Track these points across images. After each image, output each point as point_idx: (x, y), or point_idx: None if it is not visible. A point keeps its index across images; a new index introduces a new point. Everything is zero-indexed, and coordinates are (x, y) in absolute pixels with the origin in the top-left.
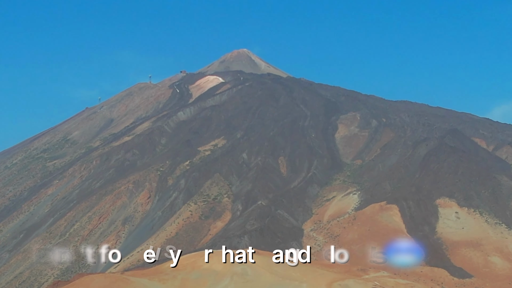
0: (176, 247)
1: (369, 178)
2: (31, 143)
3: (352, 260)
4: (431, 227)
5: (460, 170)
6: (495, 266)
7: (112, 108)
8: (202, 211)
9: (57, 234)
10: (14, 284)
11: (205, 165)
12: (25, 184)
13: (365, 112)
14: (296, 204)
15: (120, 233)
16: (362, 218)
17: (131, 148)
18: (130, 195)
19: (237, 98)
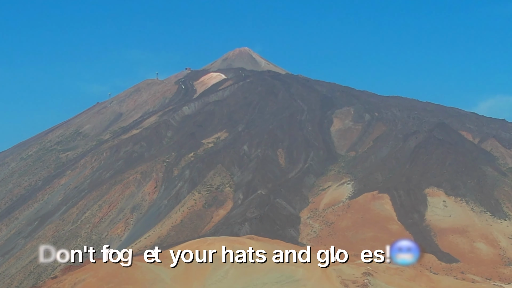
0: (181, 234)
1: (362, 169)
2: (46, 136)
3: (346, 246)
4: (420, 215)
5: (447, 161)
6: (480, 252)
7: (121, 103)
8: (206, 200)
9: (70, 221)
10: (29, 268)
11: (208, 156)
12: (39, 175)
13: (359, 107)
14: (293, 193)
15: (128, 220)
16: (355, 206)
17: (139, 140)
18: (138, 184)
19: (239, 94)
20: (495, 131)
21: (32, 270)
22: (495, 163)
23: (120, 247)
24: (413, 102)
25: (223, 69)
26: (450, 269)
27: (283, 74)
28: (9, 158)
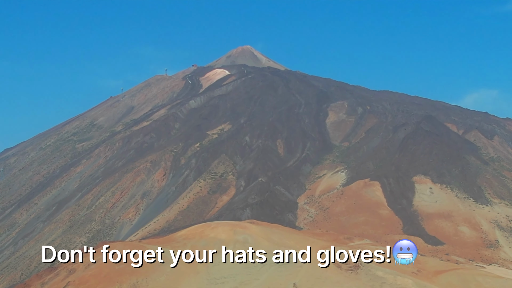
0: (187, 218)
1: (355, 158)
2: (63, 127)
3: (340, 230)
4: (408, 200)
5: (434, 151)
6: (464, 235)
7: (133, 97)
8: (210, 186)
9: (85, 207)
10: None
11: (213, 146)
12: (57, 163)
13: (352, 101)
14: (291, 180)
15: (139, 206)
16: (348, 193)
17: (149, 132)
18: (148, 173)
19: (241, 89)
20: (478, 123)
21: (50, 253)
22: (478, 153)
23: (131, 230)
24: (402, 96)
25: (227, 65)
26: (436, 251)
27: (282, 70)
28: (29, 148)
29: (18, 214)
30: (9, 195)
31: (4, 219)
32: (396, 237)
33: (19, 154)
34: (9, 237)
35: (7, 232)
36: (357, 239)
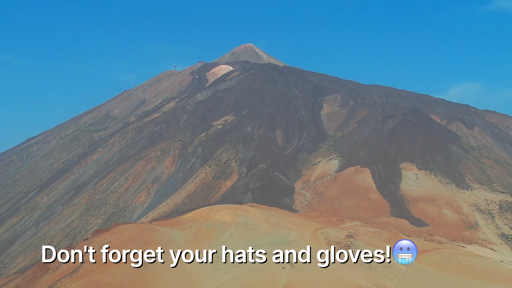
0: (193, 202)
1: (347, 146)
2: (81, 118)
3: (333, 212)
4: (396, 186)
5: (419, 140)
6: (446, 217)
7: (145, 91)
8: (215, 173)
9: (100, 191)
10: (66, 230)
11: (217, 136)
12: (75, 151)
13: (345, 94)
14: (289, 167)
15: (150, 190)
16: (341, 178)
17: (159, 122)
18: (158, 160)
19: (244, 83)
20: (460, 114)
21: (69, 232)
22: (459, 142)
23: (143, 213)
24: (391, 90)
25: (230, 62)
26: (421, 232)
27: (281, 66)
28: (50, 137)
29: (39, 197)
30: (32, 180)
31: (27, 202)
32: (384, 219)
33: (41, 142)
34: (31, 219)
35: (29, 214)
36: (348, 221)
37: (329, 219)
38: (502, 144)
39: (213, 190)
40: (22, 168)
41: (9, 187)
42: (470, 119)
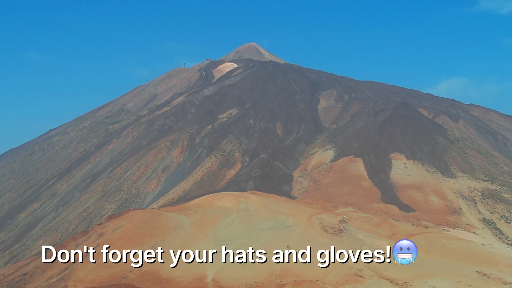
0: (200, 189)
1: (342, 138)
2: (98, 112)
3: (328, 199)
4: (386, 174)
5: (408, 132)
6: (432, 203)
7: (156, 86)
8: (220, 162)
9: (115, 179)
10: (83, 215)
11: (222, 128)
12: (92, 142)
13: (340, 89)
14: (288, 157)
15: (160, 178)
16: (336, 167)
17: (169, 115)
18: (168, 150)
19: (247, 79)
20: (446, 108)
21: (85, 217)
22: (445, 134)
23: (153, 199)
24: (382, 85)
25: (235, 59)
26: (409, 217)
27: (282, 63)
28: (69, 128)
29: (59, 185)
30: (52, 168)
31: (47, 189)
32: (375, 205)
33: (61, 134)
34: (51, 204)
35: (50, 200)
36: (341, 207)
37: (324, 205)
38: (485, 136)
39: (218, 178)
40: (43, 158)
41: (31, 175)
42: (455, 113)
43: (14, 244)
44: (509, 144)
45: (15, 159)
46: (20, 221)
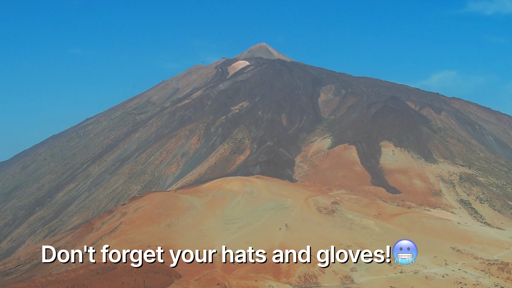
0: (214, 172)
1: (338, 128)
2: (127, 103)
3: (324, 182)
4: (376, 160)
5: (396, 123)
6: (416, 186)
7: (178, 81)
8: (231, 149)
9: (140, 163)
10: (112, 195)
11: (234, 119)
12: (122, 130)
13: (338, 85)
14: (291, 144)
15: (179, 162)
16: (332, 154)
17: (188, 107)
18: (187, 138)
19: (257, 75)
20: (430, 101)
21: (114, 196)
22: (429, 124)
23: (173, 181)
24: (376, 81)
25: (247, 58)
26: (395, 198)
27: (288, 61)
28: (102, 118)
29: (92, 168)
30: (86, 154)
31: (82, 171)
32: (365, 187)
33: (95, 123)
34: (85, 185)
35: (84, 181)
36: (335, 189)
37: (320, 188)
38: (464, 126)
39: (229, 163)
40: (79, 144)
41: (68, 159)
42: (439, 105)
43: (52, 220)
44: (485, 133)
45: (55, 144)
46: (58, 200)
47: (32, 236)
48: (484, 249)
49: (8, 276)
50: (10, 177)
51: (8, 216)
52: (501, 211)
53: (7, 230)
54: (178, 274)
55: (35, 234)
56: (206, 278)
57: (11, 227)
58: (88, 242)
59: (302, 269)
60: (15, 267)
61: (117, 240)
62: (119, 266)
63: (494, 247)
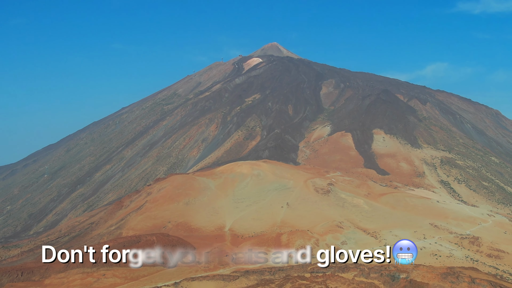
0: (229, 156)
1: (337, 117)
2: (156, 95)
3: (323, 164)
4: (368, 145)
5: (387, 113)
6: (402, 168)
7: (200, 76)
8: (245, 135)
9: (166, 147)
10: (142, 175)
11: (248, 109)
12: (151, 119)
13: (338, 79)
14: (296, 131)
15: (200, 147)
16: (331, 140)
17: (209, 99)
18: (207, 126)
19: (268, 71)
20: (417, 94)
21: (143, 176)
22: (415, 114)
23: (194, 163)
24: (371, 75)
25: (260, 55)
26: (384, 179)
27: (296, 58)
28: (135, 107)
29: (125, 151)
30: (121, 139)
31: (117, 154)
32: (359, 169)
33: (129, 112)
34: (119, 166)
35: (118, 163)
36: (332, 171)
37: (318, 171)
38: (446, 115)
39: (242, 148)
40: (115, 130)
41: (105, 143)
42: (424, 97)
43: (91, 196)
44: (464, 122)
45: (95, 130)
46: (96, 179)
47: (73, 210)
48: (458, 224)
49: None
50: (56, 159)
51: (53, 192)
52: (476, 191)
53: (52, 204)
54: (193, 246)
55: (76, 209)
56: (217, 250)
57: (55, 202)
58: (118, 218)
59: (299, 242)
60: (56, 238)
61: (142, 217)
62: (142, 239)
63: (467, 223)
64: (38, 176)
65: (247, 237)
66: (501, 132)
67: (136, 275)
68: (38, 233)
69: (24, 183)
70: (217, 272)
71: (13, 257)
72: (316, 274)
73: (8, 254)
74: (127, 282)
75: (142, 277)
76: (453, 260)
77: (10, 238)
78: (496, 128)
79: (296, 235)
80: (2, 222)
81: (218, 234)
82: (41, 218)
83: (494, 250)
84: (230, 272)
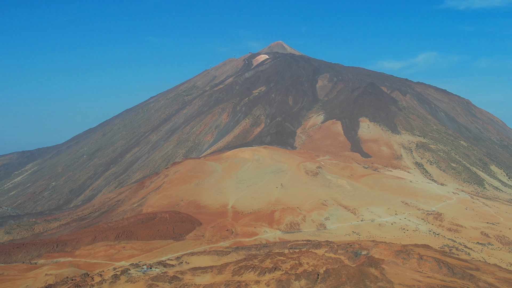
0: (237, 141)
1: (329, 107)
2: (179, 87)
3: (316, 148)
4: (355, 132)
5: (372, 103)
6: (383, 152)
7: (216, 71)
8: (251, 123)
9: (185, 133)
10: (164, 157)
11: (255, 100)
12: (173, 108)
13: (331, 73)
14: (294, 119)
15: (213, 133)
16: (323, 127)
17: (222, 91)
18: (219, 114)
19: (273, 66)
20: (399, 86)
21: (165, 158)
22: (396, 104)
23: (208, 147)
24: (361, 70)
25: (267, 52)
26: (367, 161)
27: (297, 55)
28: (161, 97)
29: (151, 136)
30: (147, 125)
31: (144, 138)
32: (346, 153)
33: (155, 101)
34: (145, 149)
35: (145, 146)
36: (322, 155)
37: (310, 155)
38: (423, 105)
39: (249, 134)
40: (143, 117)
41: (135, 129)
42: (405, 89)
43: (121, 175)
44: (439, 110)
45: (127, 117)
46: (126, 159)
47: (107, 186)
48: (426, 202)
49: (83, 220)
50: (94, 142)
51: (90, 171)
52: (445, 171)
53: (89, 182)
54: (199, 222)
55: (108, 186)
56: (219, 225)
57: (92, 180)
58: (140, 196)
59: (289, 219)
60: (89, 213)
61: (160, 196)
62: (157, 216)
63: (434, 200)
64: (79, 157)
65: (246, 213)
66: (471, 119)
67: (151, 247)
68: (77, 206)
69: (67, 162)
70: (216, 245)
71: (52, 230)
72: (294, 250)
73: (49, 227)
74: (143, 253)
75: (155, 249)
76: (418, 233)
77: (53, 210)
78: (466, 115)
79: (286, 212)
80: (48, 196)
81: (222, 211)
82: (79, 193)
83: (454, 224)
84: (229, 244)
